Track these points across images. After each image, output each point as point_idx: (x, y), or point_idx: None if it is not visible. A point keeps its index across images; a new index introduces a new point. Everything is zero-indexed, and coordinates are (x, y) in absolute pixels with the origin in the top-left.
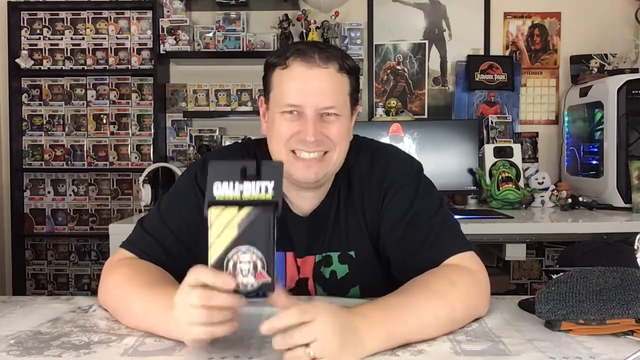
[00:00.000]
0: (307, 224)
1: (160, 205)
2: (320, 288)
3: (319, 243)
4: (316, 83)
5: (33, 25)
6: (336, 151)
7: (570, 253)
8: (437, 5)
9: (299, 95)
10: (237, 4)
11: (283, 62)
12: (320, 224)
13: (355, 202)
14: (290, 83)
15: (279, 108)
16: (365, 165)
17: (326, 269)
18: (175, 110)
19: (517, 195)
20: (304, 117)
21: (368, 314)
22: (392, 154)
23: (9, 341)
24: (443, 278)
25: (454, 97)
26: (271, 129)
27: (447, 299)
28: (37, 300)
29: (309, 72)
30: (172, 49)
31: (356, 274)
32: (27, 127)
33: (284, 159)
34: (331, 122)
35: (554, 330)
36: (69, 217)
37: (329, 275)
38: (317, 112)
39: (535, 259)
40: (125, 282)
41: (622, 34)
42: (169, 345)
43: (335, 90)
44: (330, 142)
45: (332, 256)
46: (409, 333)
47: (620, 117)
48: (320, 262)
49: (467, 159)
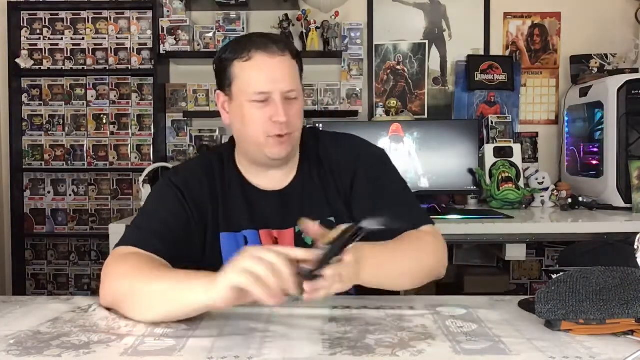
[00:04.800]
0: (281, 199)
1: (143, 208)
2: None
3: (295, 215)
4: (279, 70)
5: (33, 25)
6: (298, 129)
7: (570, 253)
8: (437, 5)
9: (267, 82)
10: (237, 4)
11: (245, 55)
12: (294, 198)
13: (327, 175)
14: (256, 73)
15: (247, 97)
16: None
17: (308, 237)
18: (175, 110)
19: (517, 195)
20: (272, 102)
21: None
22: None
23: (8, 341)
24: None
25: (454, 97)
26: (241, 117)
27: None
28: (37, 300)
29: (272, 61)
30: (172, 49)
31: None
32: (27, 127)
33: (261, 141)
34: (292, 104)
35: (554, 330)
36: (69, 217)
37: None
38: (282, 96)
39: (535, 259)
40: (136, 270)
41: (622, 34)
42: (169, 345)
43: (293, 75)
44: (294, 121)
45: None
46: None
47: (620, 117)
48: (300, 232)
49: (467, 159)
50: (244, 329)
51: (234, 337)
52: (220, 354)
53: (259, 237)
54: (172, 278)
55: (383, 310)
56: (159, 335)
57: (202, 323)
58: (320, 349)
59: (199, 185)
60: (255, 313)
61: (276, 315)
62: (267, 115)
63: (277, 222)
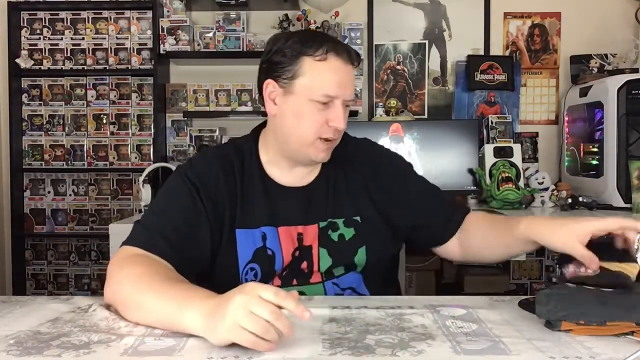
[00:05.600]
0: (304, 196)
1: (154, 204)
2: (325, 251)
3: (320, 211)
4: (348, 78)
5: (33, 25)
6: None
7: None
8: (437, 5)
9: (337, 88)
10: (237, 4)
11: (321, 54)
12: (317, 194)
13: (356, 173)
14: (329, 75)
15: (312, 96)
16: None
17: (334, 233)
18: (175, 110)
19: (517, 195)
20: (333, 107)
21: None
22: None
23: (8, 341)
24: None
25: (454, 97)
26: (297, 113)
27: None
28: (37, 300)
29: (344, 68)
30: (172, 49)
31: (363, 235)
32: (27, 127)
33: (310, 142)
34: (346, 113)
35: (554, 330)
36: (69, 217)
37: (337, 239)
38: (344, 103)
39: (535, 259)
40: (136, 277)
41: (622, 34)
42: (169, 345)
43: (354, 85)
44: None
45: (338, 222)
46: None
47: (620, 117)
48: (325, 227)
49: (467, 159)
50: None
51: None
52: (220, 354)
53: (278, 234)
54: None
55: (383, 310)
56: (159, 335)
57: None
58: (320, 349)
59: (215, 180)
60: None
61: None
62: (325, 117)
63: (299, 219)
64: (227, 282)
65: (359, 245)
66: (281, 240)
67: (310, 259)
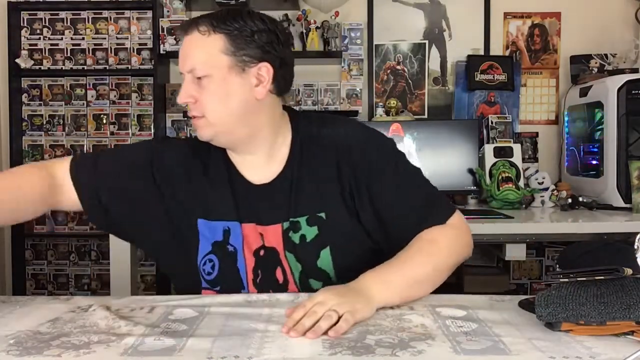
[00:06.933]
0: (267, 192)
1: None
2: (292, 255)
3: (283, 210)
4: (186, 48)
5: (33, 25)
6: (210, 114)
7: (570, 253)
8: (437, 5)
9: (180, 62)
10: (237, 4)
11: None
12: (281, 191)
13: (327, 167)
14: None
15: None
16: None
17: (295, 235)
18: (175, 110)
19: (517, 195)
20: None
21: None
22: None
23: (8, 341)
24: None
25: (454, 97)
26: None
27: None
28: (37, 300)
29: (185, 40)
30: (172, 49)
31: (326, 235)
32: (27, 127)
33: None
34: (202, 85)
35: (554, 330)
36: (69, 217)
37: (299, 240)
38: (190, 76)
39: (535, 259)
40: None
41: (622, 34)
42: (169, 345)
43: (196, 52)
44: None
45: (300, 221)
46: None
47: (620, 117)
48: (288, 229)
49: (467, 159)
50: (244, 329)
51: (234, 337)
52: (220, 354)
53: (242, 230)
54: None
55: (383, 310)
56: (158, 335)
57: (202, 323)
58: (320, 349)
59: (175, 162)
60: (255, 313)
61: (276, 315)
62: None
63: (263, 218)
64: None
65: (321, 247)
66: (244, 238)
67: (281, 266)
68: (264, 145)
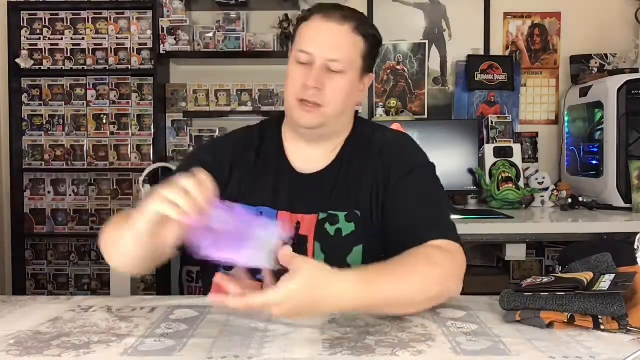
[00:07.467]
0: (312, 184)
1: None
2: (319, 245)
3: (323, 202)
4: (328, 36)
5: (33, 25)
6: (330, 106)
7: (570, 253)
8: (437, 5)
9: (311, 43)
10: (237, 4)
11: (308, 16)
12: (325, 183)
13: (369, 167)
14: (308, 32)
15: (295, 56)
16: (385, 137)
17: (331, 227)
18: (175, 110)
19: (517, 195)
20: (312, 67)
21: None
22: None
23: (8, 341)
24: (423, 256)
25: (454, 97)
26: (286, 75)
27: (424, 276)
28: (37, 300)
29: (324, 25)
30: (172, 49)
31: (362, 232)
32: (27, 127)
33: (292, 104)
34: (334, 77)
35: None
36: (69, 217)
37: (334, 233)
38: (324, 62)
39: (535, 259)
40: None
41: (622, 34)
42: (169, 345)
43: (345, 47)
44: (329, 94)
45: (339, 215)
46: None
47: (620, 117)
48: (324, 219)
49: (467, 159)
50: (244, 329)
51: (234, 337)
52: (220, 354)
53: (276, 216)
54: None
55: None
56: (159, 335)
57: (202, 323)
58: (320, 349)
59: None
60: (255, 313)
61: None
62: (303, 78)
63: (301, 207)
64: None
65: (354, 243)
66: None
67: (304, 252)
68: (333, 141)
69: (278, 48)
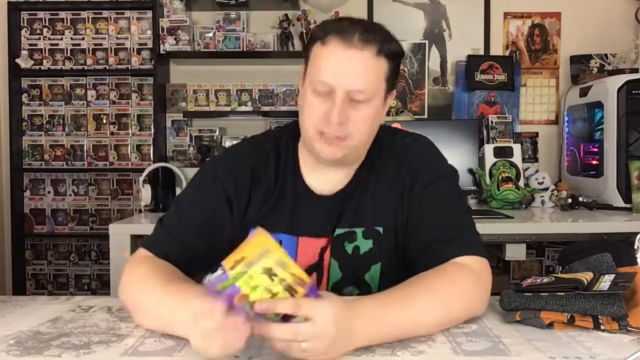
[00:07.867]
0: (330, 203)
1: (181, 198)
2: (336, 263)
3: (341, 220)
4: (350, 65)
5: (33, 25)
6: (356, 137)
7: (570, 253)
8: (437, 5)
9: (333, 74)
10: (237, 4)
11: (323, 37)
12: (345, 202)
13: (389, 180)
14: (326, 60)
15: (312, 84)
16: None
17: (349, 245)
18: (175, 110)
19: (517, 195)
20: (333, 98)
21: (366, 313)
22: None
23: (8, 341)
24: (445, 277)
25: (454, 97)
26: (303, 102)
27: (445, 300)
28: (37, 300)
29: (345, 53)
30: (172, 49)
31: (380, 250)
32: (27, 127)
33: (311, 135)
34: (358, 108)
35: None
36: (69, 217)
37: (352, 251)
38: (346, 94)
39: (535, 259)
40: (142, 281)
41: (622, 34)
42: (169, 345)
43: (369, 74)
44: (354, 127)
45: (357, 232)
46: (402, 331)
47: (620, 117)
48: (341, 236)
49: (467, 159)
50: None
51: None
52: None
53: (297, 245)
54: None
55: None
56: (159, 335)
57: None
58: None
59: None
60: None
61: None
62: (324, 109)
63: (320, 229)
64: None
65: (372, 261)
66: (299, 252)
67: (321, 270)
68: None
69: (278, 48)
